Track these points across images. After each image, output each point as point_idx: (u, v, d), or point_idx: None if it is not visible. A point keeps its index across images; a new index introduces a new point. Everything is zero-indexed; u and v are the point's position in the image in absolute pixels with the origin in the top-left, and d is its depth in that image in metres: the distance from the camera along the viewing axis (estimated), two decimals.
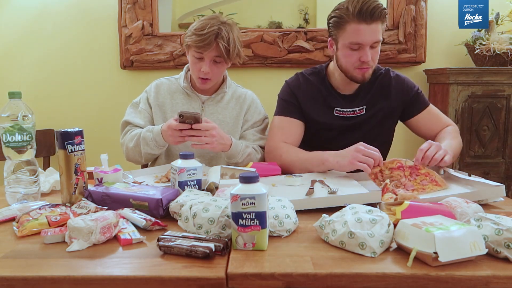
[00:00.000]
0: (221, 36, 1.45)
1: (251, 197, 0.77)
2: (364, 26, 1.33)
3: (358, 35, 1.35)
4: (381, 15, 1.34)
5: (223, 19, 1.51)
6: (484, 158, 2.31)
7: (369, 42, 1.36)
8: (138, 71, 2.55)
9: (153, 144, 1.45)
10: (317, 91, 1.54)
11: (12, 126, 1.05)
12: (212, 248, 0.76)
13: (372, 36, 1.35)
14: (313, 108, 1.53)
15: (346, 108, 1.52)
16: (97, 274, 0.72)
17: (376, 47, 1.39)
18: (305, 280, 0.71)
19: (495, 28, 2.29)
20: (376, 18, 1.33)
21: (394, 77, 1.55)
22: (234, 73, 1.70)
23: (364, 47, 1.36)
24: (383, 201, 1.03)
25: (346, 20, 1.35)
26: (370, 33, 1.34)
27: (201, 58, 1.50)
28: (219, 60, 1.51)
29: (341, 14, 1.36)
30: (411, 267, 0.72)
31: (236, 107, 1.65)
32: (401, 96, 1.53)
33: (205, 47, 1.45)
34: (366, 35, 1.34)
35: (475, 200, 1.00)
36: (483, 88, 2.25)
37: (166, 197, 1.00)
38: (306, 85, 1.55)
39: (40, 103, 2.53)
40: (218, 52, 1.47)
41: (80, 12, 2.53)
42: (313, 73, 1.59)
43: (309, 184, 1.18)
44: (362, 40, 1.35)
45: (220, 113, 1.62)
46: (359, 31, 1.34)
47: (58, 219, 0.91)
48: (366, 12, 1.31)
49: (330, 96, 1.53)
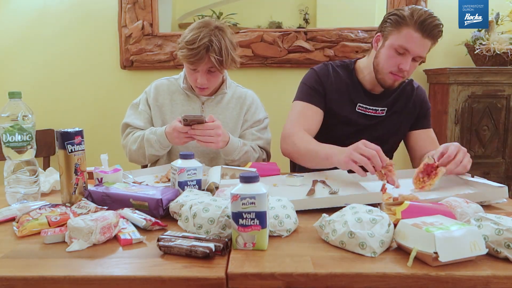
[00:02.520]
0: (213, 49, 1.42)
1: (251, 197, 0.77)
2: (419, 37, 1.33)
3: (410, 42, 1.34)
4: (437, 36, 1.35)
5: (214, 24, 1.48)
6: (484, 158, 2.31)
7: (416, 53, 1.36)
8: (138, 71, 2.55)
9: (157, 145, 1.47)
10: (344, 83, 1.54)
11: (12, 126, 1.05)
12: (212, 248, 0.76)
13: (420, 49, 1.35)
14: (336, 100, 1.53)
15: (369, 105, 1.53)
16: (97, 274, 0.72)
17: (418, 61, 1.40)
18: (305, 280, 0.71)
19: (495, 28, 2.30)
20: (433, 36, 1.34)
21: (417, 88, 1.59)
22: (234, 73, 1.70)
23: (408, 55, 1.37)
24: (382, 201, 1.03)
25: (406, 23, 1.34)
26: (420, 46, 1.35)
27: (195, 69, 1.50)
28: (213, 70, 1.50)
29: (404, 15, 1.35)
30: (411, 267, 0.72)
31: (237, 107, 1.65)
32: (418, 107, 1.57)
33: (197, 63, 1.45)
34: (417, 46, 1.35)
35: (477, 201, 0.99)
36: (483, 88, 2.25)
37: (166, 197, 1.00)
38: (335, 75, 1.55)
39: (40, 103, 2.53)
40: (211, 64, 1.46)
41: (80, 12, 2.53)
42: (341, 65, 1.58)
43: (310, 184, 1.18)
44: (411, 48, 1.35)
45: (220, 113, 1.62)
46: (413, 39, 1.34)
47: (58, 219, 0.91)
48: (428, 26, 1.32)
49: (355, 91, 1.53)
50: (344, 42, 2.46)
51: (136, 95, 1.72)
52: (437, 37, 1.36)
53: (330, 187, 1.13)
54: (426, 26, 1.32)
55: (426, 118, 1.59)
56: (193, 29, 1.47)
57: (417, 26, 1.33)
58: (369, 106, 1.53)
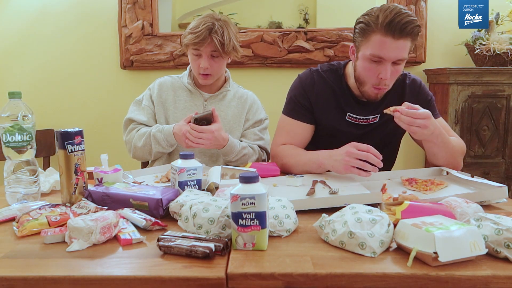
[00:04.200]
0: (215, 31, 1.49)
1: (251, 197, 0.77)
2: (390, 40, 1.21)
3: (382, 49, 1.23)
4: (412, 32, 1.22)
5: (217, 17, 1.55)
6: (484, 158, 2.31)
7: (392, 59, 1.24)
8: (138, 71, 2.55)
9: (165, 143, 1.52)
10: (331, 92, 1.45)
11: (12, 126, 1.05)
12: (212, 248, 0.76)
13: (396, 52, 1.23)
14: (324, 111, 1.45)
15: (359, 115, 1.44)
16: (97, 274, 0.72)
17: (400, 64, 1.28)
18: (305, 280, 0.71)
19: (495, 28, 2.30)
20: (406, 34, 1.21)
21: (409, 83, 1.47)
22: (234, 73, 1.71)
23: (385, 62, 1.25)
24: (382, 201, 1.03)
25: (373, 29, 1.23)
26: (395, 49, 1.22)
27: (199, 54, 1.55)
28: (216, 55, 1.55)
29: (369, 21, 1.24)
30: (411, 267, 0.72)
31: (238, 106, 1.68)
32: (414, 101, 1.40)
33: (200, 43, 1.50)
34: (390, 50, 1.23)
35: (477, 201, 0.99)
36: (483, 88, 2.25)
37: (166, 197, 1.00)
38: (321, 84, 1.46)
39: (40, 103, 2.53)
40: (214, 47, 1.51)
41: (80, 12, 2.53)
42: (329, 70, 1.48)
43: (310, 184, 1.18)
44: (385, 54, 1.23)
45: (222, 110, 1.64)
46: (384, 44, 1.22)
47: (58, 219, 0.91)
48: (396, 26, 1.19)
49: (344, 98, 1.44)
50: (344, 42, 2.46)
51: (136, 95, 1.72)
52: (412, 34, 1.22)
53: (330, 187, 1.13)
54: (395, 27, 1.19)
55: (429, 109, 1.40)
56: (198, 19, 1.55)
57: (385, 29, 1.20)
58: (359, 116, 1.44)
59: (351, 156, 1.17)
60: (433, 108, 1.47)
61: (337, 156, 1.22)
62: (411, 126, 1.19)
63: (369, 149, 1.17)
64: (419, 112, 1.19)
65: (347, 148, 1.20)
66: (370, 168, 1.16)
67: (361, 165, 1.16)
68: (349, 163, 1.17)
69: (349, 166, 1.17)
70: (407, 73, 1.50)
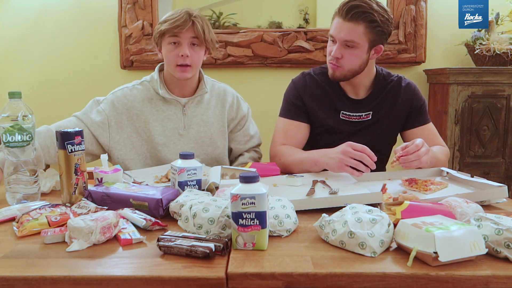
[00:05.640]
0: (194, 16, 1.41)
1: (251, 197, 0.77)
2: (340, 21, 1.36)
3: (334, 29, 1.38)
4: (357, 16, 1.32)
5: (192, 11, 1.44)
6: (484, 158, 2.31)
7: (338, 37, 1.37)
8: (138, 71, 2.55)
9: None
10: (324, 93, 1.51)
11: (12, 126, 1.05)
12: (212, 248, 0.76)
13: (343, 33, 1.35)
14: (318, 110, 1.50)
15: (352, 112, 1.49)
16: (97, 274, 0.72)
17: (352, 47, 1.37)
18: (305, 280, 0.71)
19: (495, 28, 2.30)
20: (352, 18, 1.33)
21: (404, 86, 1.51)
22: (234, 72, 1.69)
23: (336, 41, 1.38)
24: (382, 201, 1.03)
25: (336, 13, 1.39)
26: (342, 29, 1.35)
27: (178, 42, 1.42)
28: (197, 42, 1.43)
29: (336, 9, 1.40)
30: (411, 267, 0.72)
31: (218, 105, 1.58)
32: (408, 104, 1.50)
33: (181, 26, 1.38)
34: (339, 29, 1.36)
35: (477, 200, 0.99)
36: (483, 88, 2.25)
37: (166, 197, 1.00)
38: (313, 86, 1.52)
39: (40, 103, 2.53)
40: (195, 33, 1.41)
41: (80, 12, 2.53)
42: (321, 72, 1.54)
43: (310, 184, 1.18)
44: (334, 33, 1.38)
45: (203, 114, 1.55)
46: (336, 24, 1.37)
47: (58, 219, 0.91)
48: (347, 9, 1.33)
49: (337, 98, 1.50)
50: None
51: None
52: (360, 19, 1.33)
53: (330, 187, 1.13)
54: (345, 9, 1.33)
55: (421, 114, 1.52)
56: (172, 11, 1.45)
57: (339, 12, 1.36)
58: (352, 113, 1.49)
59: (346, 155, 1.20)
60: (424, 113, 1.54)
61: (332, 154, 1.24)
62: (422, 157, 1.21)
63: (365, 150, 1.19)
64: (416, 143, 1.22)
65: (343, 147, 1.22)
66: (363, 168, 1.18)
67: (355, 165, 1.18)
68: (343, 162, 1.20)
69: (343, 164, 1.20)
70: (402, 76, 1.55)
